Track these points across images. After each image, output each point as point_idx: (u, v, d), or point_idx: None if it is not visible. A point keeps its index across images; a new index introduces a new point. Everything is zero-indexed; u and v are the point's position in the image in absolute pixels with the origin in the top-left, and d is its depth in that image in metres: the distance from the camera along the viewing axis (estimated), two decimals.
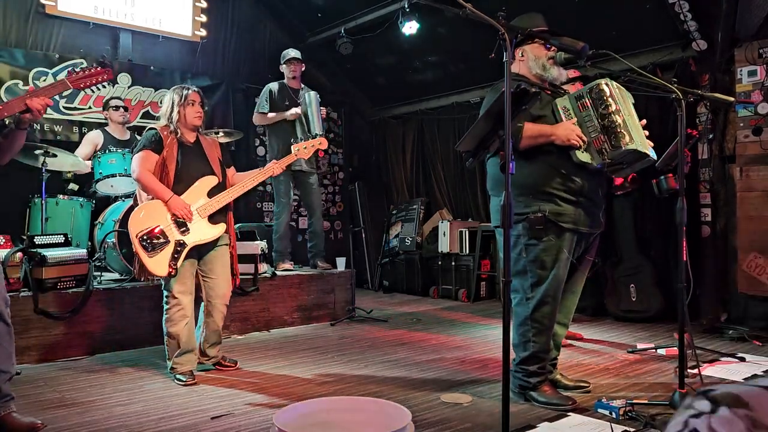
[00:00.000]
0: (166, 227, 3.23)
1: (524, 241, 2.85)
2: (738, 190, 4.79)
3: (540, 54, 2.96)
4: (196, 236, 3.29)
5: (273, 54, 7.25)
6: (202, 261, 3.42)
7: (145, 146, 3.31)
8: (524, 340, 2.87)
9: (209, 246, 3.39)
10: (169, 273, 3.20)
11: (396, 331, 4.77)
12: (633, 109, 2.92)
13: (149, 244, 3.18)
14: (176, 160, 3.31)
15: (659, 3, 4.67)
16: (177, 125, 3.36)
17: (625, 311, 5.06)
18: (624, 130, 2.71)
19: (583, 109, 2.81)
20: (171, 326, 3.30)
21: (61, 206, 4.58)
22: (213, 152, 3.48)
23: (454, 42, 6.29)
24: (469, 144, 2.54)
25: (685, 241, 2.72)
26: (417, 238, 7.18)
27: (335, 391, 3.15)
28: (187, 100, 3.36)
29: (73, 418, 2.72)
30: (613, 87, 2.82)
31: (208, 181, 3.37)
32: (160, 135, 3.34)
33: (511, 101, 2.00)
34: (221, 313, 3.48)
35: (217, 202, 3.35)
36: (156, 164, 3.29)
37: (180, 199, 3.25)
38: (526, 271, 2.86)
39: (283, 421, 1.91)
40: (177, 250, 3.22)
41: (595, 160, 2.78)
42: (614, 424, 2.53)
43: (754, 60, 4.66)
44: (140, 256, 3.18)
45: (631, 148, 2.70)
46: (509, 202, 1.97)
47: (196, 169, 3.37)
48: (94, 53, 5.93)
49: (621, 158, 2.80)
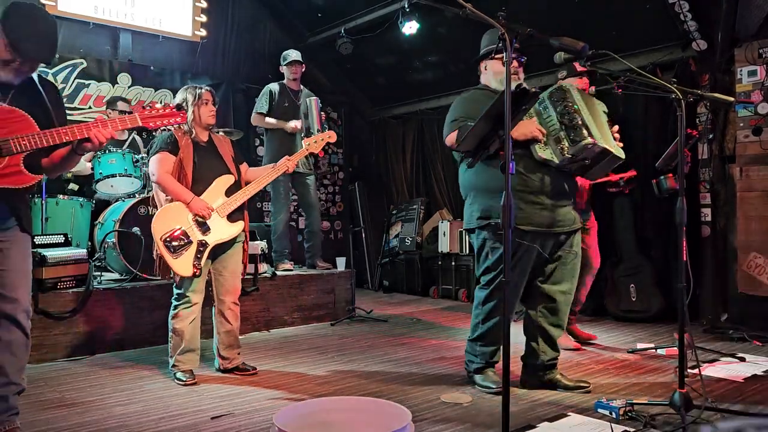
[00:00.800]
0: (188, 228, 3.26)
1: (490, 244, 3.08)
2: (738, 190, 4.79)
3: (499, 70, 3.13)
4: (217, 235, 3.33)
5: (273, 54, 7.25)
6: (218, 259, 3.44)
7: (162, 148, 3.32)
8: (475, 322, 3.18)
9: (227, 245, 3.42)
10: (194, 273, 3.24)
11: (396, 331, 4.78)
12: (604, 116, 3.06)
13: (173, 246, 3.21)
14: (193, 161, 3.33)
15: (659, 3, 4.67)
16: (192, 125, 3.37)
17: (625, 311, 5.06)
18: (584, 127, 2.81)
19: (544, 110, 2.95)
20: (177, 322, 3.32)
21: (61, 206, 4.58)
22: (226, 150, 3.51)
23: (454, 42, 6.29)
24: (469, 144, 2.54)
25: (685, 241, 2.72)
26: (417, 238, 7.18)
27: (335, 391, 3.15)
28: (202, 99, 3.38)
29: (73, 418, 2.72)
30: (573, 89, 2.96)
31: (225, 180, 3.40)
32: (175, 136, 3.36)
33: (511, 101, 2.00)
34: (231, 311, 3.48)
35: (234, 200, 3.39)
36: (173, 166, 3.31)
37: (201, 199, 3.29)
38: (489, 269, 3.11)
39: (283, 421, 1.91)
40: (200, 249, 3.27)
41: (557, 156, 2.88)
42: (614, 424, 2.53)
43: (754, 60, 4.66)
44: (165, 258, 3.21)
45: (589, 143, 2.79)
46: (509, 203, 1.97)
47: (213, 168, 3.39)
48: (94, 53, 5.93)
49: (583, 154, 2.86)
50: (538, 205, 2.97)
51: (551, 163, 2.91)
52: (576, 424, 2.59)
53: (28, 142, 2.17)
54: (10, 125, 2.18)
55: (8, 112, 2.19)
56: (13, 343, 2.32)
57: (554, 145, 2.90)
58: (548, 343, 3.12)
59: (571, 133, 2.84)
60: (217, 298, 3.47)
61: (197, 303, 3.36)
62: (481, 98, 3.12)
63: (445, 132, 3.14)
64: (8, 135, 2.16)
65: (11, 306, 2.30)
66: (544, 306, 3.13)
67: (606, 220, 5.43)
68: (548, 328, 3.12)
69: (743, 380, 3.24)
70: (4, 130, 2.17)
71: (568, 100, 2.90)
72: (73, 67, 5.74)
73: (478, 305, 3.18)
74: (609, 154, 2.91)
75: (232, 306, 3.48)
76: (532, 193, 2.96)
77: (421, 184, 7.60)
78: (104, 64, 5.91)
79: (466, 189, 3.23)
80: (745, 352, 3.82)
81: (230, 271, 3.46)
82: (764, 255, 4.61)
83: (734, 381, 3.23)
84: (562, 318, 3.15)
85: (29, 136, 2.18)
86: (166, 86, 6.30)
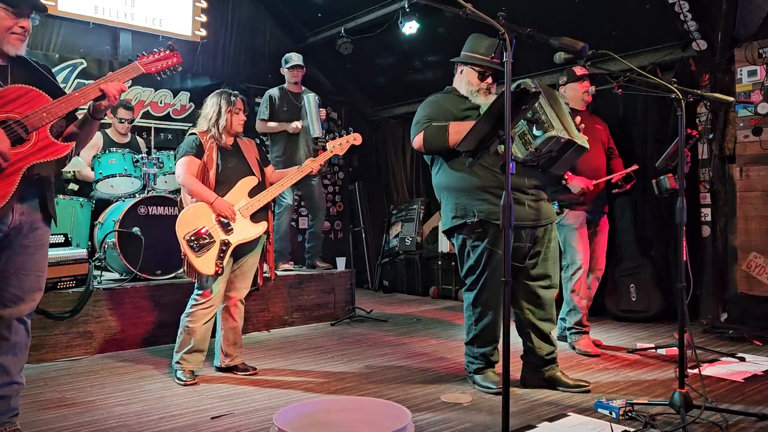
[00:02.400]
0: (212, 228, 3.29)
1: (470, 243, 3.12)
2: (738, 190, 4.80)
3: (472, 81, 3.21)
4: (240, 235, 3.35)
5: (273, 54, 7.25)
6: (240, 259, 3.47)
7: (188, 152, 3.36)
8: (468, 324, 3.20)
9: (250, 244, 3.44)
10: (216, 272, 3.27)
11: (396, 331, 4.78)
12: (566, 107, 3.11)
13: (196, 245, 3.24)
14: (216, 164, 3.37)
15: (659, 3, 4.67)
16: (221, 131, 3.40)
17: (625, 311, 5.05)
18: (546, 120, 2.86)
19: None
20: (191, 321, 3.34)
21: (61, 206, 4.57)
22: (251, 153, 3.55)
23: (454, 42, 6.25)
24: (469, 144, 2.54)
25: (685, 241, 2.72)
26: (417, 238, 7.18)
27: (335, 391, 3.15)
28: (235, 107, 3.43)
29: (73, 418, 2.72)
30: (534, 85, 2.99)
31: (248, 182, 3.43)
32: (200, 140, 3.39)
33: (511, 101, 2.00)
34: (238, 308, 3.52)
35: (258, 201, 3.41)
36: (198, 169, 3.35)
37: (224, 200, 3.32)
38: (472, 269, 3.13)
39: (283, 421, 1.91)
40: (222, 249, 3.29)
41: (522, 152, 2.93)
42: (614, 424, 2.53)
43: (754, 60, 4.66)
44: (188, 256, 3.24)
45: (552, 135, 2.84)
46: (509, 203, 1.97)
47: (236, 170, 3.42)
48: (94, 53, 5.93)
49: (547, 146, 2.90)
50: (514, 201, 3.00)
51: (517, 159, 2.96)
52: (576, 424, 2.59)
53: (48, 113, 2.17)
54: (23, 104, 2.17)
55: (16, 90, 2.17)
56: (17, 344, 2.33)
57: (518, 141, 2.95)
58: (542, 338, 3.16)
59: (533, 128, 2.89)
60: (225, 294, 3.48)
61: (214, 305, 3.39)
62: (447, 102, 3.20)
63: (412, 134, 3.22)
64: (27, 111, 2.16)
65: (26, 307, 2.32)
66: (530, 303, 3.16)
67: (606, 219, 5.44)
68: (539, 324, 3.15)
69: (743, 380, 3.24)
70: (22, 109, 2.16)
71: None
72: (73, 67, 5.74)
73: (468, 307, 3.19)
74: (573, 144, 2.95)
75: (239, 304, 3.53)
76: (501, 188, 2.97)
77: (421, 184, 7.60)
78: (104, 64, 5.91)
79: (438, 191, 3.29)
80: (745, 352, 3.82)
81: (244, 271, 3.49)
82: (764, 255, 4.61)
83: (734, 381, 3.23)
84: (550, 312, 3.18)
85: (45, 108, 2.18)
86: (166, 86, 6.31)
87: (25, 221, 2.27)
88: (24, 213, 2.26)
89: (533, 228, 3.08)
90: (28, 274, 2.30)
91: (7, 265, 2.26)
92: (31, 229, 2.30)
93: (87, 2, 5.83)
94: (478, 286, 3.10)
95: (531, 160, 2.97)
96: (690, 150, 4.75)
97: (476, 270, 3.10)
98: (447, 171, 3.17)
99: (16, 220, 2.24)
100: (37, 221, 2.32)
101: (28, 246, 2.29)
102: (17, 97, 2.16)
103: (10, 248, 2.26)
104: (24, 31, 2.25)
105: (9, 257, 2.26)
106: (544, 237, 3.13)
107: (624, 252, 5.14)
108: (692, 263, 3.12)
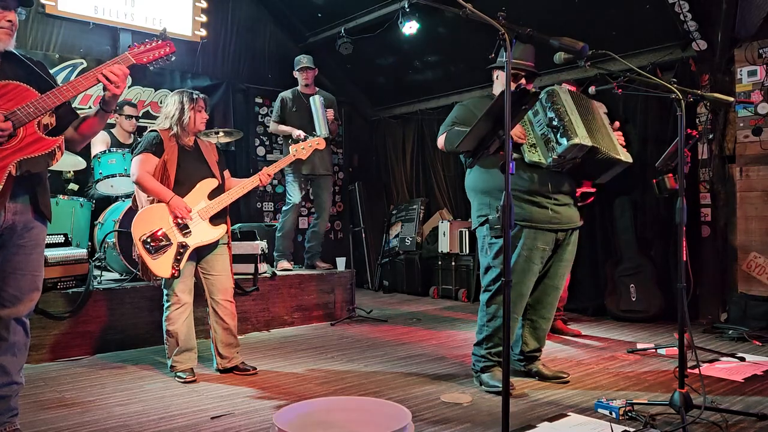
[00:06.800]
0: (168, 230, 3.25)
1: (488, 240, 3.15)
2: (738, 190, 4.80)
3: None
4: (198, 238, 3.32)
5: (273, 54, 7.26)
6: (203, 260, 3.43)
7: (146, 149, 3.32)
8: (480, 324, 3.20)
9: (210, 247, 3.41)
10: (173, 274, 3.24)
11: (396, 331, 4.78)
12: (605, 117, 3.14)
13: (152, 247, 3.21)
14: (177, 163, 3.33)
15: (659, 3, 4.67)
16: (184, 127, 3.36)
17: (625, 311, 5.06)
18: (569, 127, 2.88)
19: (534, 115, 3.05)
20: (170, 324, 3.33)
21: (61, 206, 4.57)
22: (211, 155, 3.52)
23: (454, 42, 6.28)
24: (469, 144, 2.54)
25: (685, 241, 2.72)
26: (417, 238, 7.18)
27: (335, 391, 3.15)
28: (198, 104, 3.40)
29: (73, 418, 2.72)
30: (563, 92, 3.04)
31: (208, 184, 3.40)
32: (161, 138, 3.35)
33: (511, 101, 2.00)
34: (226, 309, 3.47)
35: (217, 204, 3.38)
36: (156, 167, 3.30)
37: (181, 199, 3.28)
38: (490, 267, 3.14)
39: (283, 421, 1.91)
40: (179, 251, 3.26)
41: (545, 158, 2.97)
42: (614, 424, 2.53)
43: (754, 60, 4.66)
44: (144, 258, 3.21)
45: (574, 143, 2.85)
46: (509, 203, 1.97)
47: (196, 172, 3.39)
48: (94, 53, 5.93)
49: (571, 154, 2.93)
50: (535, 205, 3.06)
51: (541, 165, 3.01)
52: (576, 424, 2.59)
53: (35, 108, 2.13)
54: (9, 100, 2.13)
55: (2, 87, 2.13)
56: (16, 344, 2.32)
57: (544, 147, 2.99)
58: (533, 335, 3.26)
59: (557, 134, 2.92)
60: (209, 297, 3.47)
61: (187, 303, 3.37)
62: (477, 106, 3.22)
63: (438, 134, 3.30)
64: (14, 107, 2.11)
65: (23, 307, 2.30)
66: (536, 299, 3.23)
67: (606, 220, 5.44)
68: (536, 320, 3.25)
69: (743, 380, 3.24)
70: (9, 105, 2.12)
71: (557, 103, 2.97)
72: (73, 67, 5.73)
73: (482, 307, 3.22)
74: (598, 151, 2.96)
75: (225, 304, 3.47)
76: (527, 193, 3.05)
77: (421, 184, 7.59)
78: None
79: (468, 191, 3.34)
80: (745, 352, 3.82)
81: (218, 271, 3.46)
82: (764, 255, 4.61)
83: (734, 381, 3.23)
84: (549, 312, 3.27)
85: (32, 103, 2.14)
86: (166, 86, 6.30)
87: (19, 220, 2.24)
88: (17, 212, 2.22)
89: (554, 231, 3.12)
90: (25, 274, 2.28)
91: (4, 265, 2.24)
92: (25, 228, 2.26)
93: (87, 2, 5.82)
94: (495, 285, 3.12)
95: (555, 166, 3.01)
96: (690, 150, 4.75)
97: (493, 268, 3.13)
98: (474, 173, 3.24)
99: (9, 220, 2.20)
100: (31, 220, 2.28)
101: (24, 246, 2.27)
102: (4, 93, 2.13)
103: (6, 248, 2.24)
104: (11, 24, 2.21)
105: (5, 257, 2.24)
106: (564, 240, 3.18)
107: (624, 252, 5.14)
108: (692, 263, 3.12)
